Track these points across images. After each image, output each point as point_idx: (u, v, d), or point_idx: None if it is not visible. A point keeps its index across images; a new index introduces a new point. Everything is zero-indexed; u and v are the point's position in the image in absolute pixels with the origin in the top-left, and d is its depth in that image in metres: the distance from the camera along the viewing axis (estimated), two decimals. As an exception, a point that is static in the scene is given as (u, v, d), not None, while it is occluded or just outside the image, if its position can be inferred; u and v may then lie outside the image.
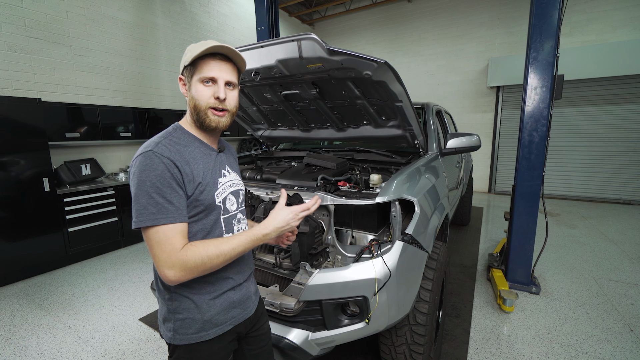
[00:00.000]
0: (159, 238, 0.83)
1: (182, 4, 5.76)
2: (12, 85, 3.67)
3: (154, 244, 0.83)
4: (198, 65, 0.91)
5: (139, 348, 2.28)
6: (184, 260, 0.83)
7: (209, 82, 0.92)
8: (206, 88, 0.92)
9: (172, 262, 0.82)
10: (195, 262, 0.84)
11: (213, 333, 0.96)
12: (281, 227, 0.96)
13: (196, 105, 0.93)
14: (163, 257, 0.83)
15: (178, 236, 0.85)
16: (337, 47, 1.51)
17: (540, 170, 2.76)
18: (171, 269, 0.82)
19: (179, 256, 0.83)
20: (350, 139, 2.47)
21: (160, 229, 0.83)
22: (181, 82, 0.97)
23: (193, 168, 0.91)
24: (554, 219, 5.28)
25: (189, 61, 0.91)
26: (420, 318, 1.62)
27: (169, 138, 0.92)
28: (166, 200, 0.84)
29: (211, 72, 0.91)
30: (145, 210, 0.82)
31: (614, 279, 3.16)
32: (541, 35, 2.60)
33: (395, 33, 8.35)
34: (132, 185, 0.85)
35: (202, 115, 0.94)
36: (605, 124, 6.28)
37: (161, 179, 0.84)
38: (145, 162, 0.84)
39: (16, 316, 2.69)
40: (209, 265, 0.86)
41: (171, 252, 0.83)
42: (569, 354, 2.13)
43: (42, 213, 3.47)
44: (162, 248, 0.83)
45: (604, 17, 6.06)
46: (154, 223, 0.82)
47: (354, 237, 1.75)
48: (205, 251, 0.85)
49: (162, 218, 0.83)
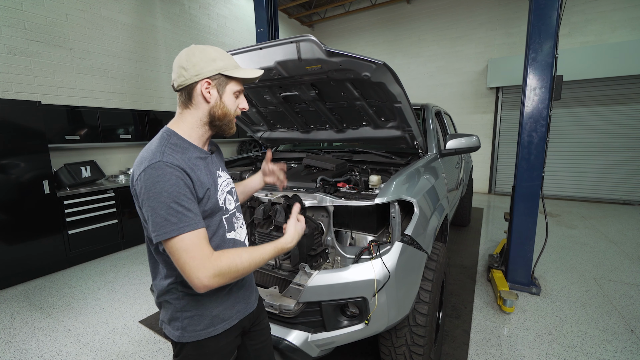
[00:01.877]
0: (186, 246, 0.83)
1: (181, 6, 5.78)
2: (12, 88, 3.68)
3: (182, 252, 0.83)
4: (234, 79, 0.97)
5: (139, 350, 2.27)
6: (218, 266, 0.84)
7: (238, 94, 1.01)
8: (234, 99, 1.00)
9: (206, 268, 0.83)
10: (229, 267, 0.86)
11: (221, 328, 0.99)
12: (299, 235, 1.08)
13: (227, 114, 0.98)
14: (195, 264, 0.83)
15: (204, 242, 0.86)
16: (335, 49, 1.51)
17: (539, 171, 2.76)
18: (205, 275, 0.83)
19: (212, 262, 0.84)
20: (350, 140, 2.47)
21: (185, 236, 0.83)
22: (209, 85, 0.93)
23: (198, 174, 0.91)
24: (554, 219, 5.28)
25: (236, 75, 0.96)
26: (420, 319, 1.61)
27: (169, 145, 0.90)
28: (185, 208, 0.84)
29: (241, 86, 1.01)
30: (166, 221, 0.82)
31: (614, 279, 3.16)
32: (540, 36, 2.61)
33: (395, 34, 8.37)
34: (147, 199, 0.83)
35: (228, 123, 1.00)
36: (605, 125, 6.28)
37: (177, 188, 0.84)
38: (157, 174, 0.83)
39: (16, 319, 2.69)
40: (241, 272, 0.90)
41: (203, 257, 0.84)
42: (570, 355, 2.13)
43: (42, 215, 3.47)
44: (192, 255, 0.83)
45: (603, 18, 6.07)
46: (179, 232, 0.82)
47: (354, 238, 1.75)
48: (239, 258, 0.89)
49: (186, 226, 0.83)
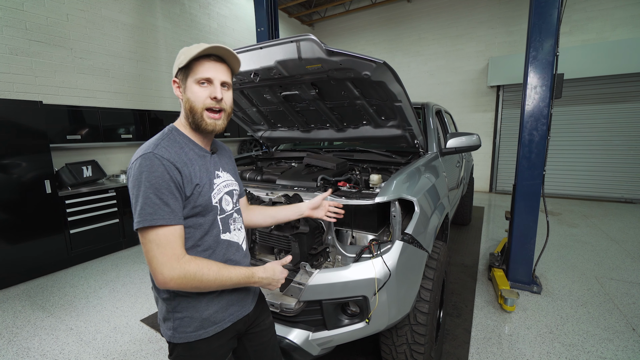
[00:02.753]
0: (158, 240, 0.84)
1: (182, 6, 5.78)
2: (14, 88, 3.69)
3: (153, 245, 0.83)
4: (193, 67, 0.92)
5: (140, 349, 2.28)
6: (185, 270, 0.84)
7: (204, 83, 0.93)
8: (202, 89, 0.93)
9: (173, 267, 0.83)
10: (195, 275, 0.85)
11: (212, 331, 0.97)
12: (274, 279, 1.06)
13: (192, 107, 0.94)
14: (163, 260, 0.83)
15: (178, 241, 0.86)
16: (335, 48, 1.51)
17: (540, 170, 2.76)
18: (170, 273, 0.83)
19: (181, 263, 0.84)
20: (350, 139, 2.47)
21: (159, 231, 0.84)
22: (175, 84, 0.97)
23: (191, 169, 0.92)
24: (555, 218, 5.27)
25: (185, 63, 0.91)
26: (421, 318, 1.62)
27: (167, 140, 0.92)
28: (162, 201, 0.84)
29: (207, 72, 0.92)
30: (142, 211, 0.83)
31: (615, 278, 3.15)
32: (541, 34, 2.60)
33: (395, 33, 8.35)
34: (131, 187, 0.85)
35: (198, 118, 0.94)
36: (606, 123, 6.26)
37: (160, 181, 0.84)
38: (144, 164, 0.85)
39: (18, 318, 2.70)
40: (204, 285, 0.88)
41: (172, 256, 0.84)
42: (571, 354, 2.13)
43: (43, 215, 3.48)
44: (162, 250, 0.83)
45: (604, 16, 6.05)
46: (150, 224, 0.83)
47: (354, 237, 1.75)
48: (207, 270, 0.88)
49: (158, 219, 0.83)
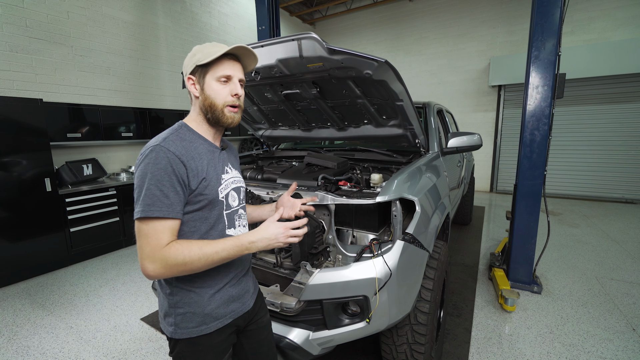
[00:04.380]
0: (147, 231, 0.84)
1: (183, 3, 5.76)
2: (14, 85, 3.68)
3: (142, 235, 0.84)
4: (212, 65, 0.95)
5: (140, 347, 2.28)
6: (165, 257, 0.83)
7: (225, 80, 0.96)
8: (222, 86, 0.96)
9: (154, 257, 0.83)
10: (176, 260, 0.84)
11: (214, 326, 0.98)
12: (269, 239, 0.95)
13: (213, 104, 0.96)
14: (147, 251, 0.83)
15: (166, 232, 0.85)
16: (337, 46, 1.50)
17: (541, 169, 2.75)
18: (152, 264, 0.83)
19: (162, 252, 0.84)
20: (351, 138, 2.47)
21: (150, 222, 0.84)
22: (191, 81, 0.97)
23: (198, 163, 0.93)
24: (556, 218, 5.26)
25: (205, 60, 0.92)
26: (422, 317, 1.61)
27: (175, 134, 0.94)
28: (163, 193, 0.85)
29: (227, 70, 0.96)
30: (142, 202, 0.84)
31: (616, 278, 3.15)
32: (543, 33, 2.59)
33: (397, 32, 8.33)
34: (136, 177, 0.87)
35: (219, 113, 0.97)
36: (608, 123, 6.25)
37: (162, 173, 0.85)
38: (151, 156, 0.86)
39: (18, 316, 2.70)
40: (190, 267, 0.85)
41: (156, 246, 0.84)
42: (571, 354, 2.13)
43: (43, 213, 3.48)
44: (148, 241, 0.84)
45: (606, 16, 6.03)
46: (146, 215, 0.83)
47: (355, 237, 1.75)
48: (188, 251, 0.85)
49: (155, 210, 0.83)
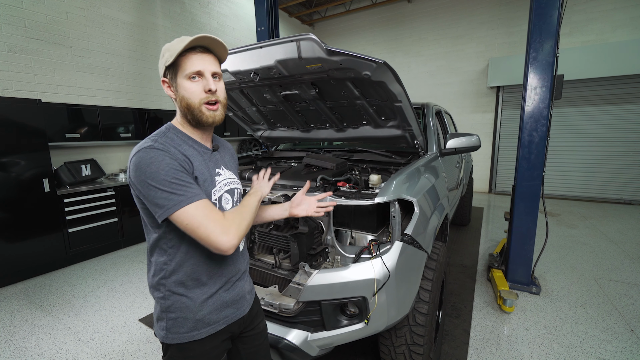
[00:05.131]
0: (203, 213, 0.83)
1: (182, 4, 5.77)
2: (13, 86, 3.67)
3: (201, 219, 0.82)
4: (180, 63, 0.90)
5: (138, 349, 2.28)
6: (229, 223, 0.87)
7: (195, 77, 0.91)
8: (194, 84, 0.91)
9: (227, 228, 0.85)
10: (241, 221, 0.90)
11: (205, 332, 0.95)
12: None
13: (189, 104, 0.92)
14: (217, 227, 0.84)
15: (212, 206, 0.88)
16: (336, 48, 1.50)
17: (540, 170, 2.76)
18: (226, 235, 0.84)
19: (228, 221, 0.87)
20: (350, 139, 2.47)
21: (199, 204, 0.84)
22: (165, 84, 0.95)
23: (191, 163, 0.92)
24: (554, 219, 5.27)
25: (171, 60, 0.89)
26: (420, 318, 1.61)
27: (164, 137, 0.91)
28: (187, 182, 0.85)
29: (196, 66, 0.90)
30: (173, 195, 0.81)
31: (614, 279, 3.15)
32: (541, 35, 2.60)
33: (395, 33, 8.35)
34: (145, 179, 0.81)
35: (197, 113, 0.92)
36: (606, 124, 6.27)
37: (172, 167, 0.84)
38: (148, 156, 0.83)
39: (16, 317, 2.69)
40: (248, 221, 0.94)
41: (220, 219, 0.86)
42: (570, 354, 2.13)
43: (42, 214, 3.47)
44: (210, 219, 0.84)
45: (604, 17, 6.05)
46: (191, 201, 0.83)
47: (354, 238, 1.75)
48: (239, 211, 0.94)
49: (194, 196, 0.84)
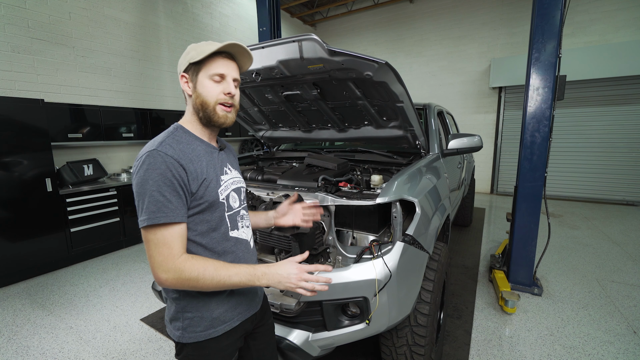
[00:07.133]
0: (157, 239, 0.84)
1: (184, 5, 5.78)
2: (15, 86, 3.69)
3: (152, 244, 0.84)
4: (205, 63, 0.93)
5: (140, 348, 2.28)
6: (181, 269, 0.84)
7: (218, 78, 0.94)
8: (215, 84, 0.94)
9: (168, 267, 0.83)
10: (190, 275, 0.84)
11: (221, 330, 0.98)
12: (280, 276, 0.92)
13: (204, 102, 0.94)
14: (159, 260, 0.83)
15: (177, 241, 0.85)
16: (338, 48, 1.50)
17: (542, 171, 2.75)
18: (165, 273, 0.83)
19: (176, 263, 0.84)
20: (352, 139, 2.47)
21: (159, 230, 0.84)
22: (184, 79, 0.97)
23: (197, 166, 0.92)
24: (557, 220, 5.25)
25: (199, 58, 0.92)
26: (421, 319, 1.61)
27: (172, 137, 0.92)
28: (166, 198, 0.84)
29: (220, 69, 0.94)
30: (147, 210, 0.83)
31: (616, 280, 3.14)
32: (543, 35, 2.59)
33: (397, 34, 8.34)
34: (135, 185, 0.85)
35: (210, 112, 0.95)
36: (608, 125, 6.24)
37: (163, 178, 0.84)
38: (149, 162, 0.84)
39: (18, 316, 2.70)
40: (201, 284, 0.85)
41: (168, 256, 0.84)
42: (571, 356, 2.12)
43: (44, 213, 3.49)
44: (159, 250, 0.84)
45: (607, 18, 6.03)
46: (153, 222, 0.82)
47: (355, 238, 1.75)
48: (203, 269, 0.85)
49: (162, 217, 0.83)
